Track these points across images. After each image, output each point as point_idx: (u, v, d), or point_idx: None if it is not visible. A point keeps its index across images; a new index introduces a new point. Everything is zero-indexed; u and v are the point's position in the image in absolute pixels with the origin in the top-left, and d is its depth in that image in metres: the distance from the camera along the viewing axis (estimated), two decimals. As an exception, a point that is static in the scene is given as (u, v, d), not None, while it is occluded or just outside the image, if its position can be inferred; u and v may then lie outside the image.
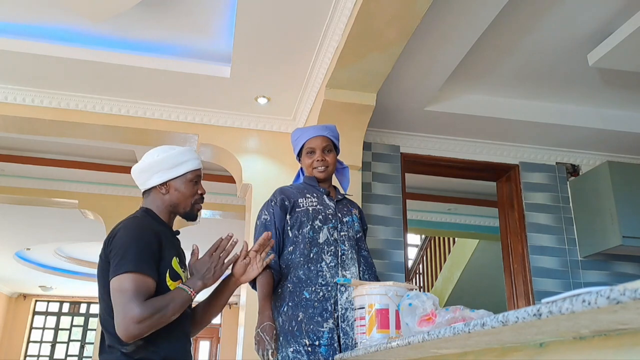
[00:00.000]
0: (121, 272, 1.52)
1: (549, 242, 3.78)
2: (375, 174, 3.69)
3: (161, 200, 1.76)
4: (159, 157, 1.75)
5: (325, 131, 2.37)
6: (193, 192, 1.79)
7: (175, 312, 1.57)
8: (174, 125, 3.60)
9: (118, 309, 1.50)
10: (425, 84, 3.26)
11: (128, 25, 2.98)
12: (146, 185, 1.76)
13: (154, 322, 1.51)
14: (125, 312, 1.48)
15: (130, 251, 1.56)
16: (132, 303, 1.49)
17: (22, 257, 9.02)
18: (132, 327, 1.48)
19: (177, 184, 1.76)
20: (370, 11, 2.41)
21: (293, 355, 2.04)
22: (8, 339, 11.50)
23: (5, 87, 3.39)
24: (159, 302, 1.54)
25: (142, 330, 1.50)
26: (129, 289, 1.50)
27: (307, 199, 2.28)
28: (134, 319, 1.47)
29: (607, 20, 2.85)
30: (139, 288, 1.51)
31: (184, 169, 1.76)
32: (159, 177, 1.74)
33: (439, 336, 1.16)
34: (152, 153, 1.78)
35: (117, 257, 1.56)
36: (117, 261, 1.55)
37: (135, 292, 1.50)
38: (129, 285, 1.51)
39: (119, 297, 1.51)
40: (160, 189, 1.75)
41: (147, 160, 1.76)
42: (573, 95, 3.59)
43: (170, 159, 1.75)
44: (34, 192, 5.22)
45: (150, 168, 1.75)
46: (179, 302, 1.58)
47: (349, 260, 2.21)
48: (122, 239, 1.60)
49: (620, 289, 0.66)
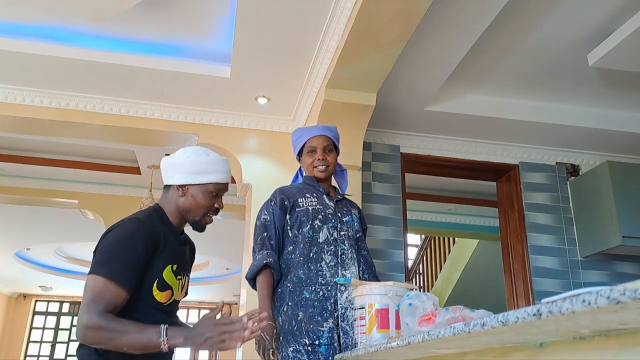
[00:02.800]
0: (97, 272, 1.51)
1: (549, 242, 3.78)
2: (375, 174, 3.69)
3: (175, 201, 1.72)
4: (189, 159, 1.71)
5: (326, 131, 2.37)
6: (209, 204, 1.73)
7: (129, 346, 1.45)
8: (174, 125, 3.60)
9: (81, 308, 1.48)
10: (425, 84, 3.26)
11: (128, 25, 2.98)
12: (167, 180, 1.73)
13: (101, 338, 1.45)
14: (82, 315, 1.46)
15: (114, 256, 1.53)
16: (91, 307, 1.46)
17: (22, 257, 9.01)
18: (80, 329, 1.46)
19: (196, 190, 1.71)
20: (370, 11, 2.41)
21: (293, 354, 2.04)
22: (8, 339, 11.50)
23: (5, 87, 3.39)
24: (120, 325, 1.46)
25: (87, 337, 1.45)
26: (96, 292, 1.48)
27: (306, 198, 2.28)
28: (85, 325, 1.45)
29: (607, 20, 2.85)
30: (105, 295, 1.48)
31: (207, 179, 1.71)
32: (180, 177, 1.70)
33: (439, 336, 1.16)
34: (185, 151, 1.74)
35: (100, 257, 1.55)
36: (98, 261, 1.54)
37: (100, 297, 1.47)
38: (98, 288, 1.48)
39: (86, 295, 1.49)
40: (178, 190, 1.71)
41: (179, 156, 1.73)
42: (573, 95, 3.59)
43: (198, 165, 1.70)
44: (34, 192, 5.22)
45: (176, 166, 1.71)
46: (140, 340, 1.44)
47: (348, 259, 2.22)
48: (112, 241, 1.58)
49: (620, 289, 0.66)
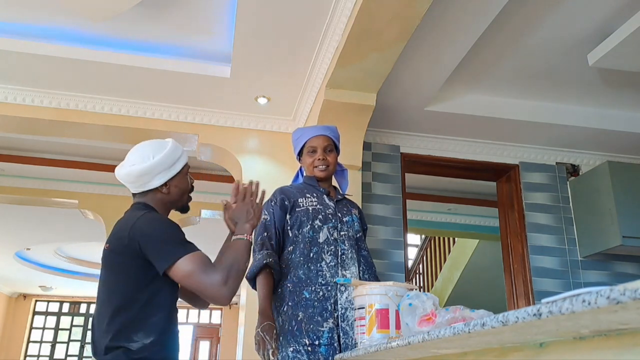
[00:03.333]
0: (175, 260, 1.55)
1: (549, 242, 3.78)
2: (375, 174, 3.69)
3: (160, 199, 1.75)
4: (156, 160, 1.71)
5: (327, 131, 2.37)
6: (188, 185, 1.82)
7: (245, 260, 1.64)
8: (174, 125, 3.60)
9: (202, 286, 1.54)
10: (425, 84, 3.26)
11: (128, 25, 2.98)
12: (146, 187, 1.74)
13: (235, 276, 1.57)
14: (210, 284, 1.53)
15: (170, 239, 1.60)
16: (208, 273, 1.54)
17: (22, 257, 9.01)
18: (223, 291, 1.53)
19: (176, 181, 1.77)
20: (370, 11, 2.41)
21: (293, 354, 2.04)
22: (8, 339, 11.50)
23: (5, 87, 3.39)
24: (229, 259, 1.61)
25: (232, 288, 1.56)
26: (196, 267, 1.55)
27: (307, 198, 2.28)
28: (220, 284, 1.53)
29: (607, 20, 2.85)
30: (202, 260, 1.57)
31: (180, 165, 1.77)
32: (160, 177, 1.72)
33: (439, 336, 1.16)
34: (145, 155, 1.73)
35: (160, 246, 1.58)
36: (164, 251, 1.57)
37: (201, 265, 1.55)
38: (193, 264, 1.55)
39: (194, 277, 1.54)
40: (162, 189, 1.74)
41: (144, 164, 1.71)
42: (573, 95, 3.59)
43: (167, 159, 1.73)
44: (34, 192, 5.21)
45: (150, 171, 1.71)
46: (243, 250, 1.65)
47: (348, 259, 2.22)
48: (154, 229, 1.61)
49: (620, 289, 0.66)
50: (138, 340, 1.53)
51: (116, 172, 1.79)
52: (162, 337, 1.57)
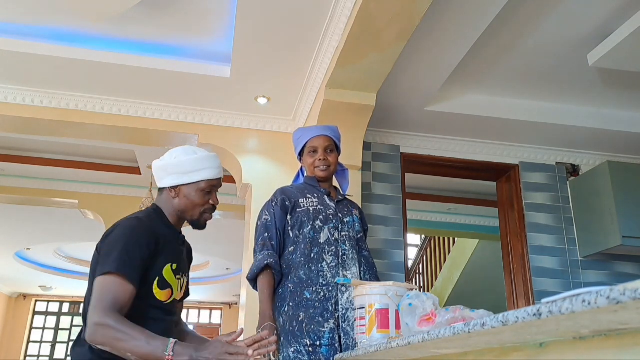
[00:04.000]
0: (105, 271, 1.49)
1: (549, 242, 3.78)
2: (375, 174, 3.69)
3: (170, 203, 1.71)
4: (176, 160, 1.69)
5: (328, 131, 2.37)
6: (203, 202, 1.72)
7: (134, 353, 1.40)
8: (174, 125, 3.60)
9: (92, 305, 1.46)
10: (425, 84, 3.26)
11: (128, 25, 2.97)
12: (159, 183, 1.73)
13: (109, 338, 1.42)
14: (92, 312, 1.45)
15: (118, 251, 1.52)
16: (102, 306, 1.44)
17: (22, 257, 9.02)
18: (90, 327, 1.44)
19: (188, 190, 1.69)
20: (370, 11, 2.41)
21: (294, 355, 2.04)
22: (8, 339, 11.50)
23: (5, 87, 3.39)
24: (129, 329, 1.42)
25: (96, 335, 1.43)
26: (106, 290, 1.47)
27: (307, 199, 2.28)
28: (95, 323, 1.43)
29: (607, 20, 2.85)
30: (114, 291, 1.47)
31: (198, 177, 1.69)
32: (171, 179, 1.69)
33: (439, 336, 1.16)
34: (173, 152, 1.72)
35: (106, 254, 1.54)
36: (104, 259, 1.53)
37: (111, 297, 1.46)
38: (108, 286, 1.48)
39: (96, 295, 1.48)
40: (171, 192, 1.70)
41: (166, 159, 1.71)
42: (573, 95, 3.59)
43: (187, 164, 1.68)
44: (34, 192, 5.22)
45: (165, 168, 1.69)
46: (146, 348, 1.40)
47: (349, 260, 2.22)
48: (115, 237, 1.57)
49: (620, 289, 0.66)
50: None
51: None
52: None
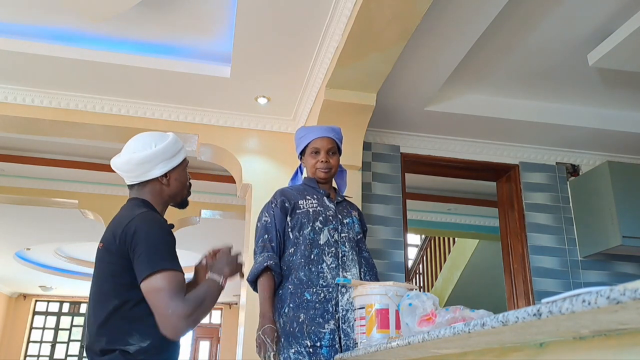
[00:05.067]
0: (155, 270, 1.48)
1: (549, 242, 3.78)
2: (375, 174, 3.69)
3: (159, 191, 1.70)
4: (158, 148, 1.67)
5: (331, 133, 2.36)
6: (187, 179, 1.78)
7: (213, 303, 1.57)
8: (174, 125, 3.60)
9: (162, 309, 1.46)
10: (425, 84, 3.26)
11: (128, 25, 2.98)
12: (146, 176, 1.68)
13: (198, 315, 1.50)
14: (172, 310, 1.45)
15: (160, 248, 1.53)
16: (175, 301, 1.46)
17: (22, 257, 9.01)
18: (181, 324, 1.46)
19: (176, 173, 1.72)
20: (370, 11, 2.41)
21: (294, 356, 2.04)
22: (8, 339, 11.50)
23: (5, 87, 3.39)
24: (198, 296, 1.53)
25: (190, 325, 1.49)
26: (168, 287, 1.47)
27: (307, 200, 2.28)
28: (181, 316, 1.46)
29: (607, 20, 2.85)
30: (177, 285, 1.49)
31: (181, 157, 1.74)
32: (161, 167, 1.68)
33: (439, 336, 1.16)
34: (146, 143, 1.68)
35: (147, 253, 1.50)
36: (148, 258, 1.50)
37: (175, 289, 1.48)
38: (167, 283, 1.48)
39: (160, 296, 1.47)
40: (162, 180, 1.69)
41: (146, 152, 1.66)
42: (573, 95, 3.59)
43: (169, 148, 1.70)
44: (34, 192, 5.21)
45: (152, 159, 1.66)
46: (214, 293, 1.59)
47: (349, 261, 2.21)
48: (148, 233, 1.54)
49: (620, 289, 0.66)
50: (134, 343, 1.49)
51: (113, 161, 1.72)
52: (159, 340, 1.51)
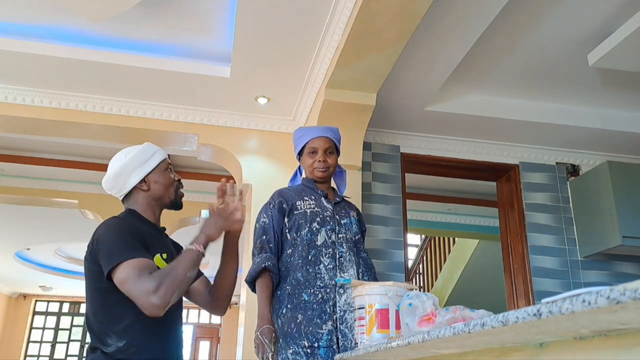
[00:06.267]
0: (116, 263, 1.53)
1: (549, 242, 3.78)
2: (375, 174, 3.69)
3: (143, 197, 1.78)
4: (128, 158, 1.77)
5: (328, 132, 2.36)
6: (171, 180, 1.83)
7: (186, 269, 1.56)
8: (174, 125, 3.60)
9: (133, 293, 1.50)
10: (425, 84, 3.26)
11: (128, 25, 2.98)
12: (125, 187, 1.77)
13: (170, 286, 1.50)
14: (140, 291, 1.49)
15: (117, 244, 1.57)
16: (140, 280, 1.50)
17: (22, 257, 9.01)
18: (153, 300, 1.48)
19: (155, 176, 1.79)
20: (370, 11, 2.41)
21: (292, 357, 2.04)
22: (8, 339, 11.50)
23: (5, 87, 3.39)
24: (166, 268, 1.56)
25: (163, 298, 1.49)
26: (132, 273, 1.51)
27: (305, 201, 2.28)
28: (149, 292, 1.48)
29: (607, 20, 2.85)
30: (140, 267, 1.52)
31: (155, 161, 1.80)
32: (136, 174, 1.76)
33: (439, 336, 1.16)
34: (118, 158, 1.79)
35: (106, 252, 1.57)
36: (107, 256, 1.56)
37: (138, 271, 1.51)
38: (130, 270, 1.51)
39: (127, 284, 1.51)
40: (141, 186, 1.77)
41: (118, 164, 1.77)
42: (573, 95, 3.59)
43: (140, 156, 1.78)
44: (34, 192, 5.21)
45: (124, 170, 1.75)
46: (186, 259, 1.58)
47: (347, 262, 2.21)
48: (106, 235, 1.62)
49: (620, 289, 0.65)
50: (112, 343, 1.55)
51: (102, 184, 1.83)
52: (137, 340, 1.56)
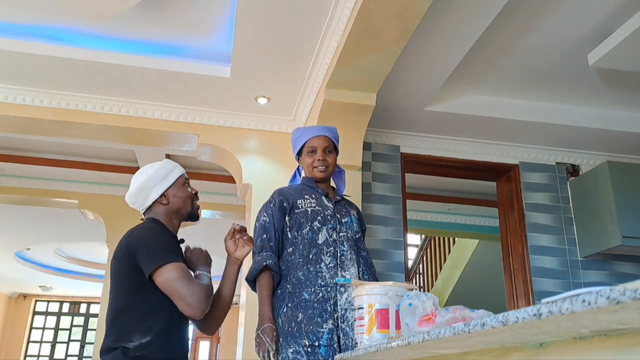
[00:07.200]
0: (160, 264, 1.69)
1: (549, 242, 3.78)
2: (375, 174, 3.69)
3: (163, 210, 1.93)
4: (149, 174, 1.92)
5: (327, 132, 2.37)
6: (189, 194, 1.98)
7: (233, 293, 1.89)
8: (174, 125, 3.60)
9: (181, 292, 1.67)
10: (425, 84, 3.26)
11: (128, 25, 2.97)
12: (147, 202, 1.92)
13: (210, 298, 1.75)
14: (192, 293, 1.67)
15: (159, 246, 1.75)
16: (192, 285, 1.69)
17: (22, 257, 9.01)
18: (203, 303, 1.68)
19: (174, 191, 1.94)
20: (370, 11, 2.41)
21: (293, 355, 2.04)
22: (8, 339, 11.50)
23: (5, 87, 3.39)
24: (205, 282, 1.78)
25: (209, 303, 1.72)
26: (182, 274, 1.70)
27: (305, 200, 2.28)
28: (202, 297, 1.68)
29: (607, 20, 2.85)
30: (187, 272, 1.73)
31: (174, 177, 1.96)
32: (157, 190, 1.92)
33: (439, 336, 1.16)
34: (140, 174, 1.94)
35: (149, 252, 1.72)
36: (151, 256, 1.70)
37: (188, 274, 1.72)
38: (180, 271, 1.70)
39: (176, 283, 1.68)
40: (161, 201, 1.92)
41: (139, 180, 1.92)
42: (573, 95, 3.59)
43: (160, 172, 1.94)
44: (34, 192, 5.22)
45: (146, 185, 1.91)
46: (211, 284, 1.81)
47: (348, 261, 2.21)
48: (148, 236, 1.78)
49: (620, 289, 0.65)
50: (135, 340, 1.65)
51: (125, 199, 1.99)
52: (159, 338, 1.67)
